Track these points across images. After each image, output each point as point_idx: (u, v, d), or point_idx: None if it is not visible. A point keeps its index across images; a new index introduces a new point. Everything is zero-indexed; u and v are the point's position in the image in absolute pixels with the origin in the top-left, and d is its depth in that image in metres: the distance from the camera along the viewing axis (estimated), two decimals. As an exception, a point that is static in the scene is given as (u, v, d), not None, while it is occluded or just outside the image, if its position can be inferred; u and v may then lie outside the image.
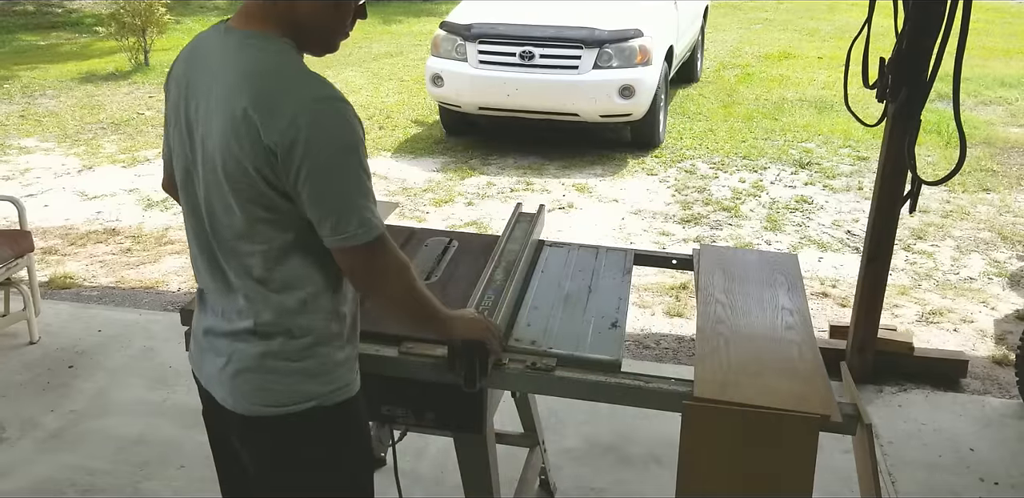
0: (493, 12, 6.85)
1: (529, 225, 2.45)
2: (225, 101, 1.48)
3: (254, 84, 1.47)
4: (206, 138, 1.51)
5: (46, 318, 3.99)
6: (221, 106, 1.48)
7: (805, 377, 1.84)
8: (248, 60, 1.50)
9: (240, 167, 1.47)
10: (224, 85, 1.49)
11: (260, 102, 1.45)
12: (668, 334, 4.05)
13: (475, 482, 2.15)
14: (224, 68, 1.51)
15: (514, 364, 1.87)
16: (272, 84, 1.47)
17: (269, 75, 1.49)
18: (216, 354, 1.65)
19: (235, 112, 1.46)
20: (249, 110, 1.45)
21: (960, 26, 2.67)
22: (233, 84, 1.48)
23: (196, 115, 1.54)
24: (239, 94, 1.46)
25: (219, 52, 1.55)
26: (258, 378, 1.61)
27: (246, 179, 1.48)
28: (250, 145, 1.45)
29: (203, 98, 1.53)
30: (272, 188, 1.49)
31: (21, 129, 7.43)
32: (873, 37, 3.27)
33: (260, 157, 1.46)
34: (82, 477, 2.97)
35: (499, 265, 2.21)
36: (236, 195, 1.51)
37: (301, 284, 1.59)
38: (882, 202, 3.39)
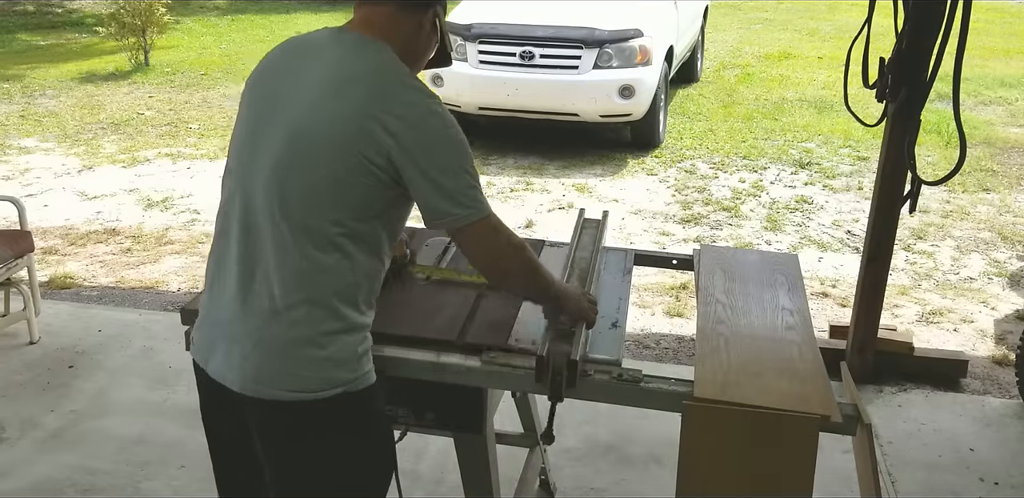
0: (493, 12, 6.85)
1: (596, 231, 2.44)
2: (338, 90, 1.58)
3: (373, 78, 1.59)
4: (306, 119, 1.58)
5: (46, 318, 3.99)
6: (333, 94, 1.58)
7: (805, 377, 1.84)
8: (366, 57, 1.62)
9: (348, 151, 1.55)
10: (338, 76, 1.60)
11: (379, 93, 1.57)
12: (668, 334, 4.05)
13: (475, 482, 2.15)
14: (340, 61, 1.62)
15: (599, 375, 1.84)
16: (391, 80, 1.60)
17: (387, 72, 1.62)
18: (235, 341, 1.65)
19: (352, 101, 1.56)
20: (369, 102, 1.56)
21: (960, 26, 2.67)
22: (350, 77, 1.59)
23: (294, 100, 1.61)
24: (357, 86, 1.58)
25: (335, 47, 1.65)
26: (286, 363, 1.62)
27: (349, 164, 1.55)
28: (364, 132, 1.54)
29: (309, 85, 1.61)
30: (376, 175, 1.57)
31: (21, 129, 7.43)
32: (873, 37, 3.27)
33: (373, 144, 1.54)
34: (82, 477, 2.97)
35: (573, 273, 2.19)
36: (331, 177, 1.56)
37: (349, 271, 1.62)
38: (882, 202, 3.39)
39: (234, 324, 1.66)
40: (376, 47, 1.64)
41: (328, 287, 1.61)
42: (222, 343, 1.68)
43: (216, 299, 1.71)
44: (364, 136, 1.55)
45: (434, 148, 1.59)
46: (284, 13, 13.63)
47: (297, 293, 1.60)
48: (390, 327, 1.91)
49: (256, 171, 1.64)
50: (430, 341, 1.91)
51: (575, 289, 1.94)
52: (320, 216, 1.58)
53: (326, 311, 1.61)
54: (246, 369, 1.64)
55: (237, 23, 12.95)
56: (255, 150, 1.65)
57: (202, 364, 1.74)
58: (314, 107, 1.59)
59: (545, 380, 1.80)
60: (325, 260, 1.60)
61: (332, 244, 1.60)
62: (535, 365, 1.80)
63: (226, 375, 1.68)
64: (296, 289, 1.60)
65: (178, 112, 7.99)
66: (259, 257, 1.63)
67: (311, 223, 1.59)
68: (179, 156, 6.73)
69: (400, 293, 2.10)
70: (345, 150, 1.55)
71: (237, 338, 1.65)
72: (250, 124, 1.69)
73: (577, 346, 1.83)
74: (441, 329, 1.95)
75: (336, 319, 1.63)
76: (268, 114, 1.65)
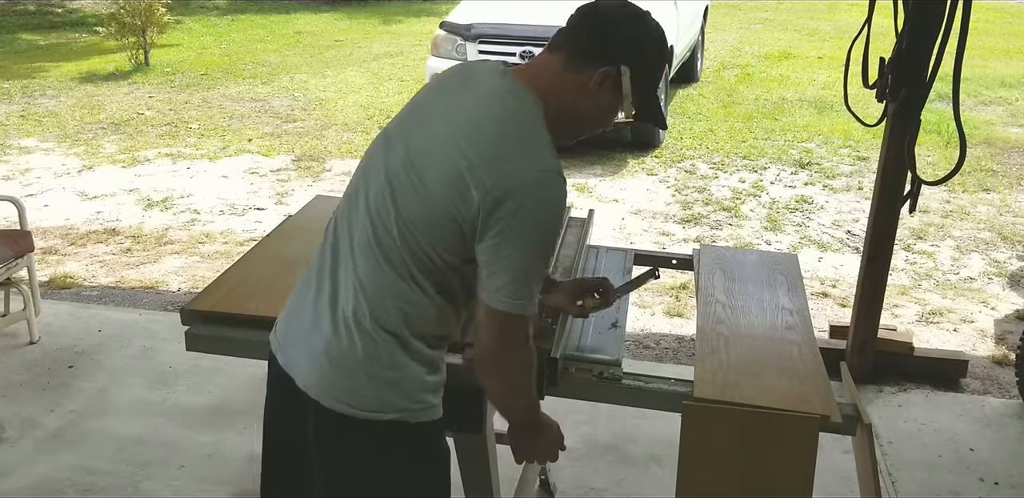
0: (493, 12, 6.85)
1: (581, 230, 2.44)
2: (461, 129, 1.53)
3: (494, 128, 1.52)
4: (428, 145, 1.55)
5: (46, 318, 3.99)
6: (456, 128, 1.53)
7: (805, 377, 1.84)
8: (503, 106, 1.55)
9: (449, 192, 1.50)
10: (470, 115, 1.55)
11: (491, 146, 1.50)
12: (668, 334, 4.05)
13: (475, 482, 2.15)
14: (479, 102, 1.57)
15: (581, 373, 1.85)
16: (511, 133, 1.52)
17: (512, 124, 1.54)
18: (310, 342, 1.63)
19: (464, 145, 1.50)
20: (476, 150, 1.50)
21: (960, 26, 2.67)
22: (477, 119, 1.53)
23: (425, 124, 1.59)
24: (477, 130, 1.52)
25: (487, 86, 1.59)
26: (350, 379, 1.59)
27: (447, 206, 1.51)
28: (462, 180, 1.48)
29: (445, 113, 1.58)
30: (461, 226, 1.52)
31: (21, 129, 7.43)
32: (873, 37, 3.27)
33: (466, 196, 1.48)
34: (82, 477, 2.97)
35: (556, 271, 2.20)
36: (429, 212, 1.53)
37: (422, 304, 1.59)
38: (882, 202, 3.39)
39: (315, 326, 1.63)
40: (525, 97, 1.57)
41: (402, 315, 1.59)
42: (301, 338, 1.65)
43: (304, 298, 1.69)
44: (459, 196, 1.50)
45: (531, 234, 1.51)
46: (284, 13, 13.63)
47: (374, 314, 1.58)
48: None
49: (374, 180, 1.62)
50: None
51: (556, 430, 1.86)
52: (413, 243, 1.55)
53: (396, 338, 1.59)
54: (314, 371, 1.62)
55: (237, 23, 12.95)
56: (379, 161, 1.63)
57: (276, 351, 1.71)
58: (434, 140, 1.56)
59: None
60: (405, 288, 1.57)
61: (414, 275, 1.57)
62: None
63: (297, 369, 1.65)
64: (373, 310, 1.58)
65: (178, 112, 7.99)
66: (352, 268, 1.61)
67: (404, 247, 1.56)
68: (179, 156, 6.73)
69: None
70: (447, 190, 1.51)
71: (313, 340, 1.63)
72: (391, 133, 1.66)
73: (558, 344, 1.84)
74: None
75: (404, 347, 1.60)
76: (407, 128, 1.63)
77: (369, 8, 14.42)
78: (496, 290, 1.52)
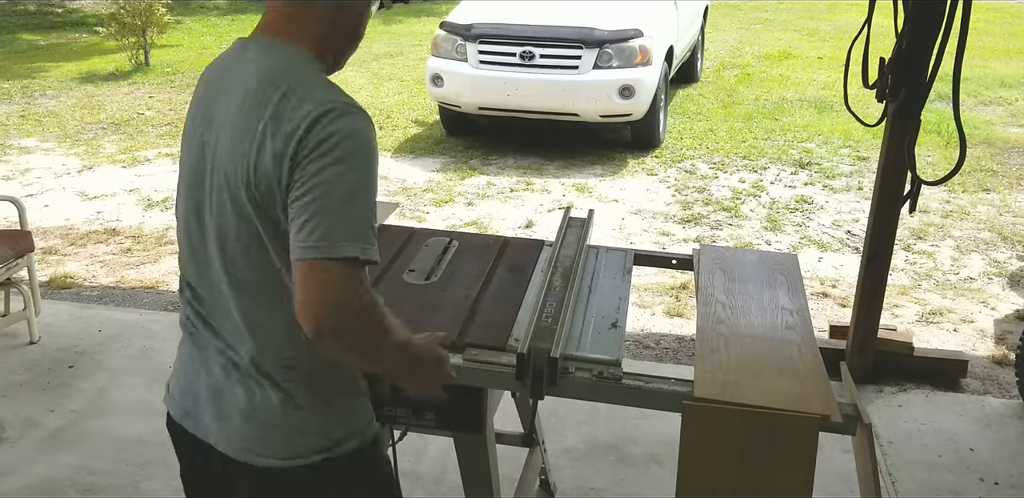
0: (493, 12, 6.85)
1: (581, 230, 2.44)
2: (240, 111, 1.40)
3: (270, 86, 1.38)
4: (218, 156, 1.43)
5: (46, 318, 3.99)
6: (235, 118, 1.40)
7: (805, 377, 1.84)
8: (267, 65, 1.41)
9: (247, 183, 1.37)
10: (241, 93, 1.41)
11: (277, 107, 1.36)
12: (668, 334, 4.05)
13: (475, 482, 2.15)
14: (243, 77, 1.42)
15: (581, 373, 1.84)
16: (290, 84, 1.38)
17: (288, 75, 1.39)
18: (219, 398, 1.52)
19: (248, 121, 1.38)
20: (265, 116, 1.36)
21: (960, 26, 2.68)
22: (250, 90, 1.39)
23: (210, 135, 1.45)
24: (255, 100, 1.38)
25: (238, 65, 1.45)
26: (266, 428, 1.49)
27: (251, 195, 1.38)
28: (258, 153, 1.36)
29: (221, 117, 1.43)
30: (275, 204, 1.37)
31: (21, 129, 7.43)
32: (873, 37, 3.27)
33: (268, 166, 1.35)
34: (82, 477, 2.97)
35: (556, 271, 2.19)
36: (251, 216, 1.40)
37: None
38: (882, 202, 3.39)
39: (214, 383, 1.53)
40: (289, 51, 1.43)
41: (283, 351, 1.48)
42: (203, 399, 1.55)
43: (192, 358, 1.58)
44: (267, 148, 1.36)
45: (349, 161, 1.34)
46: (284, 13, 13.63)
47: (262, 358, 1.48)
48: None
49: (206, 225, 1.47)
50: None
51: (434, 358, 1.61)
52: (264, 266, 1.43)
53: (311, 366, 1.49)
54: (228, 430, 1.51)
55: (237, 23, 12.94)
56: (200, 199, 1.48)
57: (180, 418, 1.59)
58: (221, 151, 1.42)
59: (525, 378, 1.80)
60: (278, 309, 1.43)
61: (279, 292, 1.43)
62: (515, 363, 1.80)
63: (210, 432, 1.54)
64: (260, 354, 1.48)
65: (178, 112, 7.98)
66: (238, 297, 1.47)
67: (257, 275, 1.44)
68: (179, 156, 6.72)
69: (400, 293, 2.10)
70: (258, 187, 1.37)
71: (219, 400, 1.52)
72: (190, 167, 1.52)
73: (558, 343, 1.84)
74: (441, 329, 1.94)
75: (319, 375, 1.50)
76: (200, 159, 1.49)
77: (369, 8, 14.41)
78: (316, 234, 1.30)
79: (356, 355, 1.40)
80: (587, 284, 2.25)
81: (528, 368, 1.80)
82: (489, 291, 2.14)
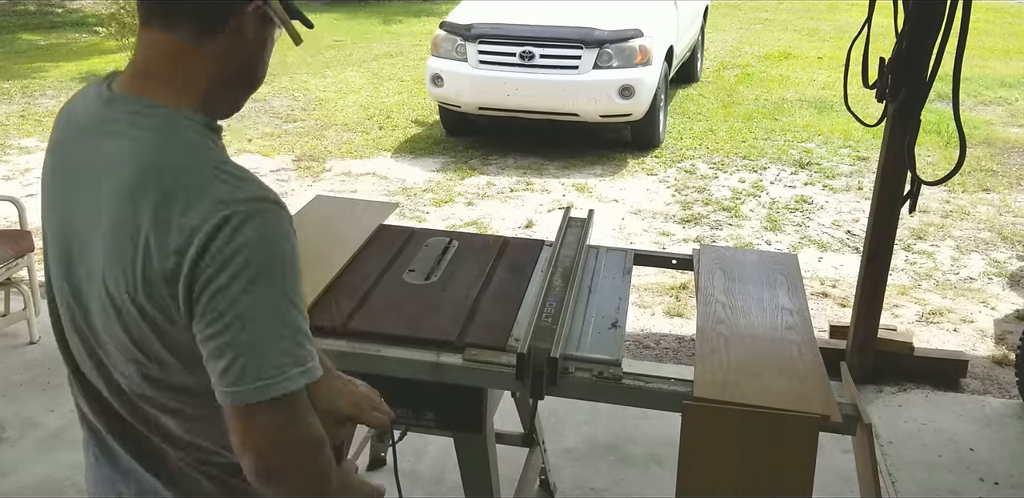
0: (493, 12, 6.85)
1: (581, 230, 2.44)
2: (115, 202, 1.11)
3: (150, 178, 1.10)
4: (88, 252, 1.16)
5: (46, 318, 3.98)
6: (108, 209, 1.12)
7: (805, 377, 1.84)
8: (143, 145, 1.12)
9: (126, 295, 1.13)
10: (113, 179, 1.12)
11: (159, 211, 1.08)
12: (668, 334, 4.05)
13: (475, 482, 2.15)
14: (112, 155, 1.13)
15: (581, 373, 1.84)
16: (174, 177, 1.10)
17: (170, 162, 1.11)
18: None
19: (125, 222, 1.10)
20: (144, 224, 1.09)
21: (960, 26, 2.68)
22: (123, 180, 1.11)
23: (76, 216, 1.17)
24: (131, 195, 1.10)
25: (103, 131, 1.15)
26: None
27: (133, 312, 1.14)
28: (144, 267, 1.10)
29: (87, 199, 1.15)
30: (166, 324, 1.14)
31: (21, 129, 7.43)
32: (873, 37, 3.27)
33: (159, 287, 1.10)
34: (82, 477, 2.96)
35: (556, 271, 2.19)
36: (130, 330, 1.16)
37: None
38: (882, 202, 3.39)
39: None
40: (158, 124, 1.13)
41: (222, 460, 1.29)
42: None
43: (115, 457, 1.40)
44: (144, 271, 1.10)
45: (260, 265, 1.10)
46: (284, 13, 13.63)
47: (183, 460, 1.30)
48: (390, 327, 1.92)
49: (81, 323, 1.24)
50: (430, 341, 1.91)
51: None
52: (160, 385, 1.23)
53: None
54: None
55: (237, 23, 12.94)
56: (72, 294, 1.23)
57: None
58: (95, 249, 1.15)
59: (525, 378, 1.80)
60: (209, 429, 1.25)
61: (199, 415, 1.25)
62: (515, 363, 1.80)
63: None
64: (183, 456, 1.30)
65: (178, 112, 7.98)
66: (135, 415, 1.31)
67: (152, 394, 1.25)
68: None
69: (400, 293, 2.10)
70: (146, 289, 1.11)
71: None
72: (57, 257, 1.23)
73: (558, 343, 1.84)
74: (441, 329, 1.95)
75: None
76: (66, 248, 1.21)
77: (369, 8, 14.42)
78: (232, 376, 1.09)
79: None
80: (587, 284, 2.25)
81: (528, 368, 1.80)
82: (489, 291, 2.14)
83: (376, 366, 1.85)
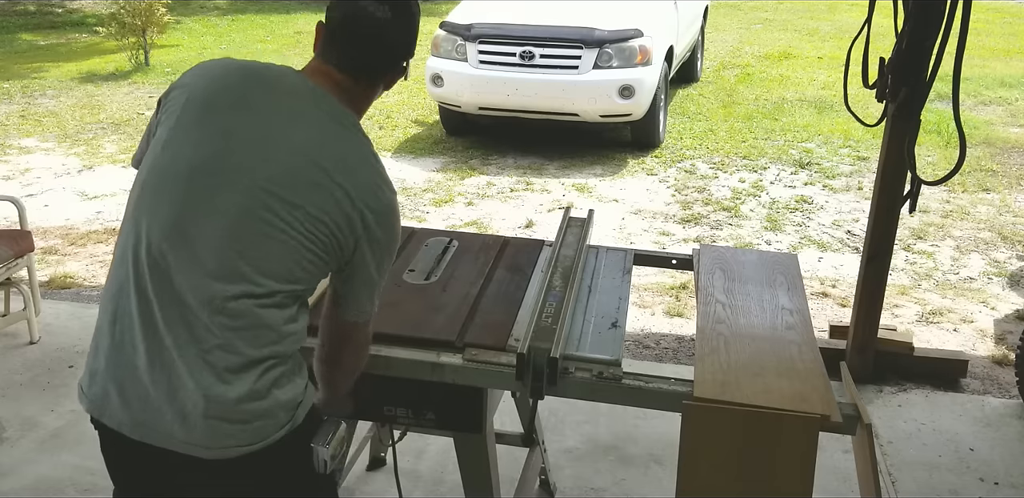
0: (493, 12, 6.85)
1: (581, 230, 2.44)
2: (306, 146, 1.54)
3: (360, 170, 1.59)
4: (278, 174, 1.51)
5: (46, 318, 3.99)
6: (318, 163, 1.53)
7: (805, 377, 1.84)
8: (351, 140, 1.61)
9: (324, 227, 1.53)
10: (314, 129, 1.56)
11: (365, 187, 1.57)
12: (668, 334, 4.05)
13: (475, 482, 2.15)
14: (323, 134, 1.57)
15: (581, 373, 1.84)
16: (372, 174, 1.60)
17: (370, 163, 1.61)
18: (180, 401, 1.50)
19: (339, 182, 1.54)
20: (338, 176, 1.54)
21: (960, 26, 2.68)
22: (338, 160, 1.56)
23: (267, 152, 1.53)
24: (345, 174, 1.55)
25: (312, 109, 1.59)
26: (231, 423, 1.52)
27: (323, 237, 1.54)
28: (334, 203, 1.53)
29: (288, 147, 1.54)
30: (331, 253, 1.57)
31: (21, 129, 7.43)
32: (873, 37, 3.27)
33: (351, 230, 1.56)
34: (82, 477, 2.97)
35: (556, 271, 2.19)
36: (300, 241, 1.52)
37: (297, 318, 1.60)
38: (882, 202, 3.39)
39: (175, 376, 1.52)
40: (353, 123, 1.63)
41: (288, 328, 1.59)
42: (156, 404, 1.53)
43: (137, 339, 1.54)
44: (345, 222, 1.55)
45: (391, 247, 1.66)
46: (284, 13, 13.63)
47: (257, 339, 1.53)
48: (390, 327, 1.91)
49: (199, 214, 1.50)
50: (430, 341, 1.91)
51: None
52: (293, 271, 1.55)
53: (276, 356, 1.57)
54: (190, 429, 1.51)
55: (237, 23, 12.95)
56: (199, 189, 1.51)
57: (118, 427, 1.57)
58: (295, 177, 1.52)
59: (525, 378, 1.80)
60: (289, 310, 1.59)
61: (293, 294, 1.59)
62: (515, 363, 1.80)
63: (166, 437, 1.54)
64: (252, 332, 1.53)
65: (178, 112, 7.98)
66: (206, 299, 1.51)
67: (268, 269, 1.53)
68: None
69: (399, 293, 2.10)
70: (318, 224, 1.52)
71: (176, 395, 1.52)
72: (195, 158, 1.53)
73: (558, 343, 1.84)
74: (441, 329, 1.95)
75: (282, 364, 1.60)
76: (225, 154, 1.52)
77: (369, 8, 14.40)
78: (360, 305, 1.67)
79: (349, 378, 1.82)
80: (587, 284, 2.25)
81: (528, 368, 1.80)
82: (489, 291, 2.14)
83: (376, 366, 1.85)
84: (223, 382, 1.49)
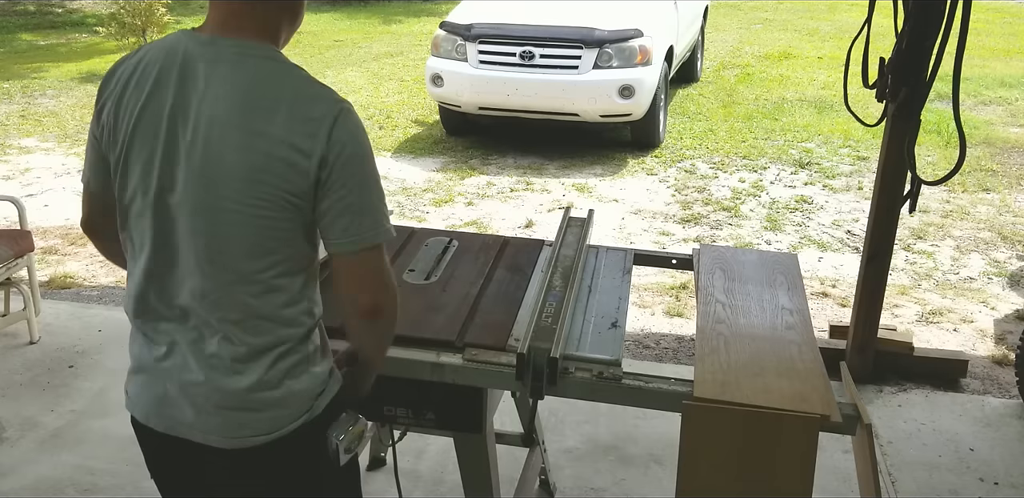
0: (493, 12, 6.85)
1: (581, 230, 2.44)
2: (242, 120, 1.41)
3: (278, 102, 1.42)
4: (207, 158, 1.42)
5: (46, 318, 3.99)
6: (237, 125, 1.41)
7: (805, 377, 1.84)
8: (254, 68, 1.44)
9: (264, 186, 1.42)
10: (235, 103, 1.42)
11: (291, 119, 1.41)
12: (668, 334, 4.05)
13: (475, 482, 2.15)
14: (229, 84, 1.43)
15: (581, 373, 1.84)
16: (292, 86, 1.45)
17: (282, 77, 1.45)
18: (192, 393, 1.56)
19: (260, 131, 1.40)
20: (278, 129, 1.41)
21: (960, 26, 2.67)
22: (250, 102, 1.42)
23: (189, 135, 1.43)
24: (261, 112, 1.41)
25: (211, 65, 1.44)
26: (243, 412, 1.54)
27: (267, 197, 1.42)
28: (280, 162, 1.41)
29: (204, 116, 1.42)
30: (293, 203, 1.44)
31: (21, 129, 7.43)
32: (873, 37, 3.27)
33: (290, 174, 1.41)
34: (82, 477, 2.97)
35: (556, 271, 2.19)
36: (249, 212, 1.43)
37: (297, 301, 1.53)
38: (882, 202, 3.39)
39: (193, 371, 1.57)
40: (265, 54, 1.46)
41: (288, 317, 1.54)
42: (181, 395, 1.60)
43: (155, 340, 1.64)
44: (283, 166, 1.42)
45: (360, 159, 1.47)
46: (284, 13, 13.63)
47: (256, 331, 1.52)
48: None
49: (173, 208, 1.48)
50: (430, 341, 1.91)
51: None
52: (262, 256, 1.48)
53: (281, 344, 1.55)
54: (207, 421, 1.56)
55: (237, 23, 12.94)
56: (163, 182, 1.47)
57: (144, 419, 1.65)
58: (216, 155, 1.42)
59: (525, 378, 1.80)
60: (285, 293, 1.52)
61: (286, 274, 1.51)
62: (515, 363, 1.80)
63: (189, 429, 1.60)
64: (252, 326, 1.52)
65: (178, 112, 7.98)
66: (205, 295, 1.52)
67: (249, 266, 1.48)
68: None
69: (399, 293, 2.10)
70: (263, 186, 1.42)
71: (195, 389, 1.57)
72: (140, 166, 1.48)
73: (558, 343, 1.84)
74: (441, 329, 1.95)
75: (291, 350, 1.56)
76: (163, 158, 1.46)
77: (369, 8, 14.42)
78: (350, 230, 1.46)
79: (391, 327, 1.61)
80: (587, 284, 2.25)
81: (528, 368, 1.80)
82: (489, 291, 2.14)
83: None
84: (233, 372, 1.52)
